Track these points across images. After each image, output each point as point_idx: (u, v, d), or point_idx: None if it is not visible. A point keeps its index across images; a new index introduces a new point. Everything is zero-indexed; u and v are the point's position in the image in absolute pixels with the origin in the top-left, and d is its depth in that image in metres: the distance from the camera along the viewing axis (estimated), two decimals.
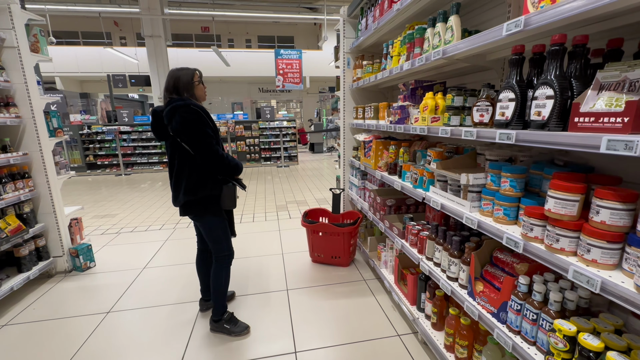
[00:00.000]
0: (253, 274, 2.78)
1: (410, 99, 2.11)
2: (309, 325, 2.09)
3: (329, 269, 2.84)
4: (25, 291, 2.55)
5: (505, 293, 1.27)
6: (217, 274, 1.98)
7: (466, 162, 1.68)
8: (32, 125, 2.58)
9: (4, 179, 2.41)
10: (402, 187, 2.03)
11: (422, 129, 1.74)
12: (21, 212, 2.58)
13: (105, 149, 8.43)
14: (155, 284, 2.65)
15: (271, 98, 16.45)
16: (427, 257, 1.84)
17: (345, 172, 3.32)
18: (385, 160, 2.38)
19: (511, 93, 1.14)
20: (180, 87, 1.78)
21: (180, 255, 3.20)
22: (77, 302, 2.41)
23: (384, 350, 1.86)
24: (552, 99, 0.98)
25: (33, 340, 2.00)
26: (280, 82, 10.96)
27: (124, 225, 4.17)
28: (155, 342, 1.97)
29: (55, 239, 2.80)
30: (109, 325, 2.14)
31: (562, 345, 1.00)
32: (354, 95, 3.11)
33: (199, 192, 1.81)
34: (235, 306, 2.30)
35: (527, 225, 1.11)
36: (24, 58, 2.50)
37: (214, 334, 2.01)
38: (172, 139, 1.79)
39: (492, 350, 1.42)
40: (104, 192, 6.29)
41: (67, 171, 2.97)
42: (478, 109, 1.33)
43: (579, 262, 0.96)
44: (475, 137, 1.31)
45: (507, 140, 1.12)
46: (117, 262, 3.07)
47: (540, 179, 1.28)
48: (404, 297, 2.12)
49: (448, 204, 1.56)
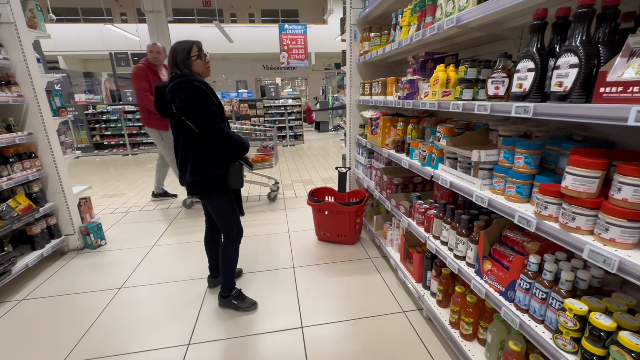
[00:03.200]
0: (260, 251, 2.81)
1: (420, 72, 2.02)
2: (315, 301, 2.12)
3: (334, 247, 2.86)
4: (40, 268, 2.63)
5: (515, 272, 1.25)
6: (226, 252, 2.00)
7: (477, 139, 1.61)
8: (35, 104, 2.55)
9: (12, 159, 2.42)
10: (409, 165, 1.98)
11: (432, 104, 1.67)
12: (30, 191, 2.61)
13: (111, 129, 8.43)
14: (164, 262, 2.70)
15: (276, 76, 16.11)
16: (434, 235, 1.82)
17: (351, 151, 3.27)
18: (393, 137, 2.31)
19: (530, 62, 1.06)
20: (178, 62, 1.71)
21: (189, 233, 3.25)
22: (90, 278, 2.48)
23: (389, 325, 1.89)
24: (576, 68, 0.91)
25: (49, 314, 2.08)
26: (285, 59, 10.66)
27: (132, 205, 4.23)
28: (166, 316, 2.02)
29: (65, 217, 2.85)
30: (121, 300, 2.20)
31: (571, 324, 0.98)
32: (361, 70, 3.00)
33: (206, 172, 1.78)
34: (243, 283, 2.34)
35: (541, 204, 1.06)
36: (21, 34, 2.44)
37: (223, 309, 2.06)
38: (177, 117, 1.74)
39: (498, 328, 1.42)
40: (112, 171, 6.35)
41: (73, 151, 2.97)
42: (493, 80, 1.25)
43: (596, 241, 0.92)
44: (489, 112, 1.24)
45: (524, 114, 1.05)
46: (127, 240, 3.13)
47: (556, 155, 1.22)
48: (410, 275, 2.12)
49: (457, 181, 1.52)
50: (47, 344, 1.82)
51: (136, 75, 3.61)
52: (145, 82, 3.61)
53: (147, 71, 3.62)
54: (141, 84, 3.60)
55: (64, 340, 1.84)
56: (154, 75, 3.69)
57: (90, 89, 11.95)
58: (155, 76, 3.70)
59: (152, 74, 3.66)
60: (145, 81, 3.61)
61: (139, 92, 3.63)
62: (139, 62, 3.68)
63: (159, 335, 1.87)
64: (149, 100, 3.55)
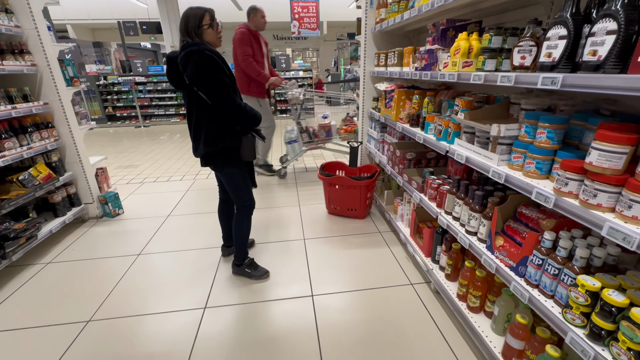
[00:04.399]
0: (271, 223, 2.87)
1: (439, 41, 1.92)
2: (325, 272, 2.19)
3: (344, 220, 2.89)
4: (63, 234, 2.76)
5: (528, 248, 1.24)
6: (238, 223, 2.05)
7: (497, 113, 1.55)
8: (49, 73, 2.56)
9: (30, 129, 2.47)
10: (424, 139, 1.94)
11: (451, 75, 1.60)
12: (50, 161, 2.68)
13: (122, 100, 8.46)
14: (179, 231, 2.80)
15: (286, 46, 15.61)
16: (446, 211, 1.81)
17: (364, 125, 3.21)
18: (408, 111, 2.25)
19: (563, 29, 0.99)
20: (189, 29, 1.66)
21: (202, 204, 3.32)
22: (110, 245, 2.60)
23: (397, 296, 1.94)
24: (613, 34, 0.84)
25: (75, 276, 2.21)
26: (296, 28, 10.26)
27: (147, 176, 4.32)
28: (183, 281, 2.12)
29: (84, 187, 2.94)
30: (141, 266, 2.31)
31: (583, 299, 0.99)
32: (376, 39, 2.87)
33: (219, 144, 1.79)
34: (255, 253, 2.42)
35: (562, 180, 1.03)
36: (30, 0, 2.40)
37: (237, 277, 2.15)
38: (189, 88, 1.71)
39: (506, 301, 1.45)
40: (126, 143, 6.45)
41: (88, 121, 3.01)
42: (520, 49, 1.18)
43: (617, 218, 0.90)
44: (512, 83, 1.18)
45: (551, 86, 1.00)
46: (143, 210, 3.23)
47: (582, 130, 1.16)
48: (419, 249, 2.15)
49: (474, 157, 1.48)
50: (75, 303, 1.95)
51: (241, 40, 3.36)
52: (249, 47, 3.38)
53: (250, 36, 3.40)
54: (246, 49, 3.37)
55: (91, 299, 1.97)
56: (256, 42, 3.47)
57: (100, 59, 11.88)
58: (257, 42, 3.47)
59: (254, 40, 3.44)
60: (249, 46, 3.38)
61: (244, 58, 3.38)
62: (239, 26, 3.42)
63: (177, 298, 1.97)
64: (254, 67, 3.38)
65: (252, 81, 3.50)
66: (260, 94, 3.63)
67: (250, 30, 3.45)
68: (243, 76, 3.52)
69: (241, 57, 3.40)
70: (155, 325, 1.77)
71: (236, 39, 3.40)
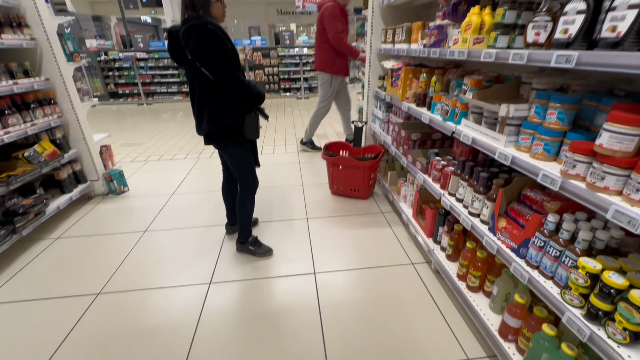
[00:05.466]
0: (275, 202, 2.90)
1: (450, 16, 1.84)
2: (327, 250, 2.22)
3: (347, 200, 2.91)
4: (70, 210, 2.81)
5: (530, 230, 1.24)
6: (242, 202, 2.06)
7: (507, 92, 1.51)
8: (49, 48, 2.51)
9: (32, 104, 2.45)
10: (430, 119, 1.90)
11: (461, 53, 1.54)
12: (54, 137, 2.69)
13: (124, 77, 8.34)
14: (184, 209, 2.83)
15: (290, 21, 15.10)
16: (450, 192, 1.81)
17: (369, 104, 3.15)
18: (414, 90, 2.20)
19: (582, 3, 0.94)
20: (195, 2, 1.60)
21: (206, 183, 3.35)
22: (116, 221, 2.65)
23: (398, 275, 1.98)
24: (635, 9, 0.80)
25: (84, 251, 2.27)
26: (301, 3, 9.88)
27: (150, 154, 4.33)
28: (189, 257, 2.18)
29: (89, 164, 2.96)
30: (147, 242, 2.36)
31: (582, 281, 1.00)
32: (384, 14, 2.76)
33: (222, 121, 1.77)
34: (259, 231, 2.45)
35: (570, 162, 1.02)
36: None
37: (241, 254, 2.19)
38: (191, 64, 1.67)
39: (505, 281, 1.47)
40: (129, 121, 6.42)
41: (90, 98, 2.98)
42: (535, 25, 1.13)
43: (623, 201, 0.89)
44: (525, 61, 1.14)
45: (566, 64, 0.96)
46: (148, 188, 3.27)
47: (594, 111, 1.13)
48: (421, 229, 2.16)
49: (480, 138, 1.46)
50: (85, 276, 2.01)
51: (332, 15, 3.20)
52: (340, 23, 3.24)
53: (339, 11, 3.24)
54: (337, 25, 3.22)
55: (100, 273, 2.03)
56: (344, 17, 3.31)
57: (100, 34, 11.60)
58: (345, 17, 3.31)
59: (343, 15, 3.28)
60: (340, 22, 3.23)
61: (335, 35, 3.23)
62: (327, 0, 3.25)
63: (183, 273, 2.03)
64: (346, 43, 3.24)
65: (337, 58, 3.35)
66: (345, 72, 3.51)
67: (339, 4, 3.28)
68: (328, 53, 3.37)
69: (333, 33, 3.25)
70: (163, 298, 1.83)
71: (327, 14, 3.24)
